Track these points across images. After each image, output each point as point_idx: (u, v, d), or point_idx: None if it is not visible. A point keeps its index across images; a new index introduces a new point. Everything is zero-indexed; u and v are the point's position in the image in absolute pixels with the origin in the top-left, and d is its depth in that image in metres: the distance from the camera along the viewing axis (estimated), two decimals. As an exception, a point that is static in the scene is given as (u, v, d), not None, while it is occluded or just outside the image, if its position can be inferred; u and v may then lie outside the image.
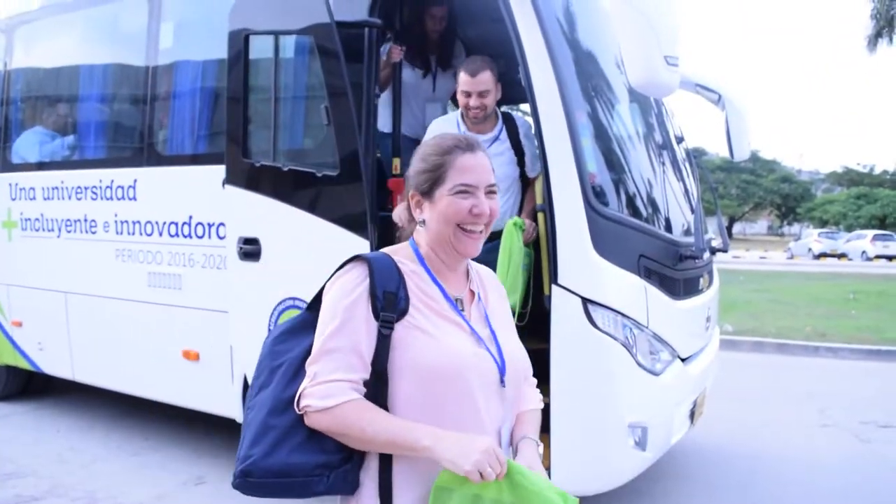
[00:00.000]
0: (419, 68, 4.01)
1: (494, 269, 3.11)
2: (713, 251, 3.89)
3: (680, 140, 4.10)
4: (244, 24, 3.33)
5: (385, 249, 1.49)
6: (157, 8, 4.09)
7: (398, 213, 1.53)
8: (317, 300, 1.45)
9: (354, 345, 1.33)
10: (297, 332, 1.45)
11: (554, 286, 2.88)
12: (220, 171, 3.54)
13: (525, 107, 5.89)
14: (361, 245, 3.07)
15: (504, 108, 4.52)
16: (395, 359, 1.33)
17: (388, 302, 1.34)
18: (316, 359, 1.34)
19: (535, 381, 1.60)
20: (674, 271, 3.21)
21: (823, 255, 30.28)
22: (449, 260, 1.45)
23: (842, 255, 29.83)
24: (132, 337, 4.20)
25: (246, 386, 3.56)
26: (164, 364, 4.04)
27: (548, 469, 2.80)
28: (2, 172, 4.96)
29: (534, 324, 3.21)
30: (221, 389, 3.72)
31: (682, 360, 3.22)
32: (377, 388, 1.33)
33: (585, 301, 2.82)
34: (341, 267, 1.42)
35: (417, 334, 1.35)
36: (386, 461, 1.34)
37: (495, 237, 3.20)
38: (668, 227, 3.37)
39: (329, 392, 1.30)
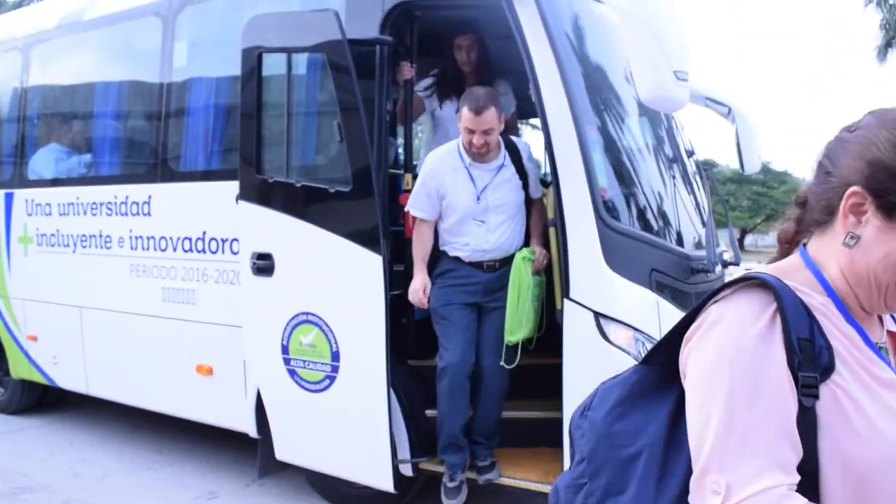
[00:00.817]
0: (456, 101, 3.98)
1: (504, 296, 3.11)
2: (725, 264, 3.88)
3: (690, 153, 4.11)
4: (257, 42, 3.37)
5: (769, 269, 0.98)
6: (171, 27, 4.15)
7: None
8: (664, 347, 1.00)
9: (783, 424, 0.85)
10: (637, 399, 1.02)
11: (566, 300, 2.88)
12: (233, 187, 3.57)
13: (535, 121, 5.91)
14: (374, 260, 3.08)
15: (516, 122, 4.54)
16: (822, 442, 0.86)
17: (807, 355, 0.87)
18: (717, 458, 0.85)
19: None
20: (686, 285, 3.20)
21: (836, 266, 30.03)
22: (869, 306, 0.95)
23: (855, 267, 29.58)
24: (146, 351, 4.23)
25: (259, 401, 3.57)
26: (178, 378, 4.07)
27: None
28: (18, 188, 5.03)
29: (545, 338, 3.22)
30: (235, 404, 3.73)
31: (695, 373, 3.20)
32: (799, 487, 0.85)
33: (598, 315, 2.82)
34: (716, 294, 0.95)
35: (848, 406, 0.87)
36: None
37: (505, 263, 3.20)
38: (680, 241, 3.37)
39: None
